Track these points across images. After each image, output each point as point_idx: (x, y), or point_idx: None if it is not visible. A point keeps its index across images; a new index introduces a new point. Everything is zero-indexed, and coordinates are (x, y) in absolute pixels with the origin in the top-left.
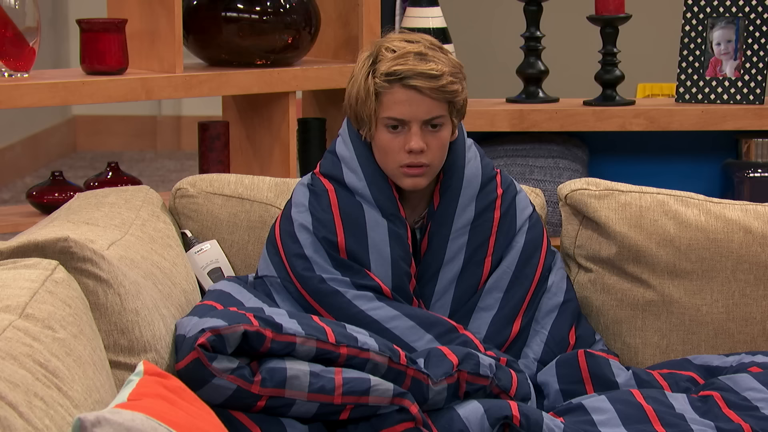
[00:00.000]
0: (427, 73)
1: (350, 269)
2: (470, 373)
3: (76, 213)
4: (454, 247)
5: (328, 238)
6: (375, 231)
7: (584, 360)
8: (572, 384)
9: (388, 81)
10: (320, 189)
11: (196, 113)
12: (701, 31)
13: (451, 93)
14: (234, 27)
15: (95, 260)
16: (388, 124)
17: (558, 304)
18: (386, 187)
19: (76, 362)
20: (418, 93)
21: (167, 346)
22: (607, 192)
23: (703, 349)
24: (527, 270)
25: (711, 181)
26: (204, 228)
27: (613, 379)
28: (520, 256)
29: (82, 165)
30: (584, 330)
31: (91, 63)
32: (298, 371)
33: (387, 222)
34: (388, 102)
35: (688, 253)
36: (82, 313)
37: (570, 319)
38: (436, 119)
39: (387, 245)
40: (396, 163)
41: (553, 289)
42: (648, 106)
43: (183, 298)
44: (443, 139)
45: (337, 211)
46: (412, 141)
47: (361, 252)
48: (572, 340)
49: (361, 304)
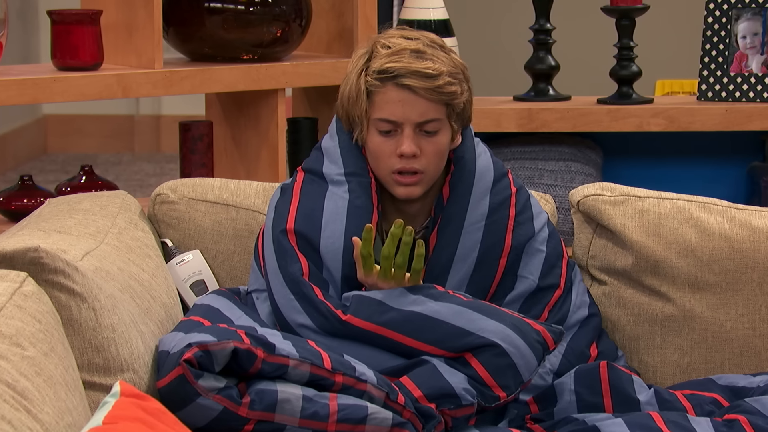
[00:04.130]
0: (422, 71)
1: (284, 254)
2: (453, 409)
3: (46, 220)
4: (467, 242)
5: (282, 227)
6: (331, 203)
7: (606, 372)
8: (590, 396)
9: (380, 79)
10: (291, 183)
11: (177, 112)
12: (725, 23)
13: (449, 95)
14: (218, 19)
15: (68, 272)
16: (380, 127)
17: (582, 319)
18: (366, 180)
19: (46, 382)
20: (412, 93)
21: (146, 366)
22: (622, 198)
23: (727, 369)
24: (550, 280)
25: (736, 186)
26: (186, 237)
27: (634, 396)
28: (543, 266)
29: (54, 168)
30: (606, 345)
31: (63, 58)
32: (290, 395)
33: (349, 196)
34: (380, 102)
35: (711, 264)
36: (54, 330)
37: (592, 333)
38: (430, 123)
39: (343, 221)
40: (388, 169)
41: (578, 302)
42: (667, 105)
43: (163, 313)
44: (439, 145)
45: (298, 191)
46: (403, 144)
47: (310, 229)
48: (593, 354)
49: (306, 335)
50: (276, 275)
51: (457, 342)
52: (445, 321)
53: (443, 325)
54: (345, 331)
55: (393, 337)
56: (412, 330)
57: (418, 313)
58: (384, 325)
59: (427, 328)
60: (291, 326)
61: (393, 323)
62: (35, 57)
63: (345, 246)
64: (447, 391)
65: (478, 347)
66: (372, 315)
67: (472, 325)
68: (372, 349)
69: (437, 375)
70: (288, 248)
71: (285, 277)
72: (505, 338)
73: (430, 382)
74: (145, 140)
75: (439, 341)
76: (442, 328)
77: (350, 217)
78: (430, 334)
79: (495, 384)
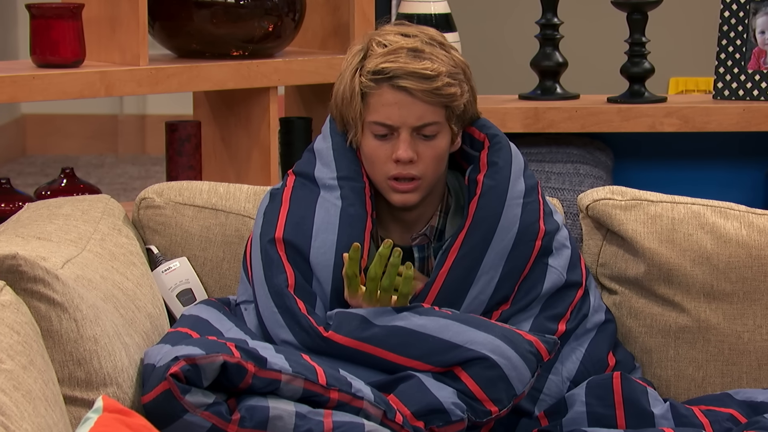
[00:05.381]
0: (419, 72)
1: (270, 265)
2: (441, 426)
3: (25, 226)
4: (509, 214)
5: (270, 236)
6: (323, 210)
7: (619, 383)
8: (601, 408)
9: (375, 80)
10: (281, 187)
11: (163, 112)
12: (742, 17)
13: (448, 97)
14: (206, 13)
15: (48, 280)
16: (375, 131)
17: (598, 323)
18: (360, 185)
19: (25, 397)
20: (409, 95)
21: (130, 380)
22: (634, 202)
23: (745, 383)
24: (574, 277)
25: (753, 190)
26: (172, 243)
27: (649, 410)
28: (569, 262)
29: (32, 171)
30: (623, 355)
31: (43, 54)
32: (282, 411)
33: (342, 203)
34: (375, 104)
35: (728, 273)
36: (33, 341)
37: (609, 340)
38: (428, 126)
39: (335, 230)
40: (383, 175)
41: (596, 305)
42: (681, 104)
43: (148, 324)
44: (438, 150)
45: (288, 197)
46: (399, 149)
47: (300, 238)
48: (611, 363)
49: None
50: (262, 287)
51: (444, 356)
52: (432, 335)
53: (429, 339)
54: (327, 347)
55: (376, 354)
56: (396, 345)
57: (402, 328)
58: (367, 341)
59: (412, 343)
60: (275, 342)
61: (376, 339)
62: (13, 53)
63: (336, 259)
64: (435, 406)
65: (467, 361)
66: (354, 331)
67: (460, 337)
68: (354, 367)
69: (424, 390)
70: (275, 258)
71: (270, 289)
72: (494, 349)
73: (416, 397)
74: (130, 141)
75: (426, 356)
76: (428, 342)
77: (342, 226)
78: (415, 348)
79: (486, 398)
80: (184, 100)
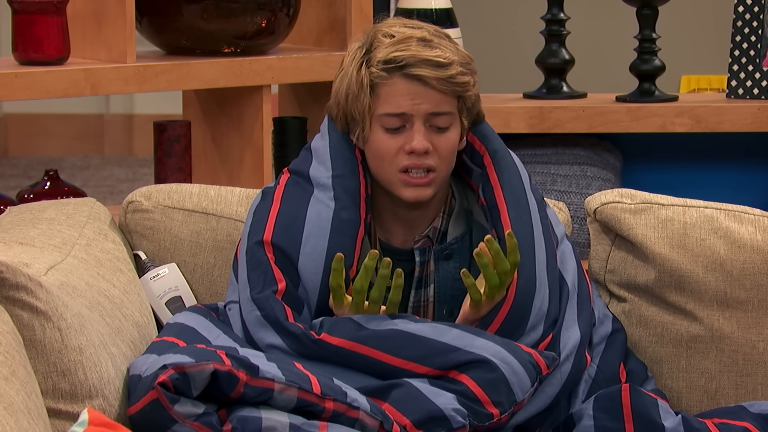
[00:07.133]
0: (433, 60)
1: (257, 267)
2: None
3: (7, 231)
4: (538, 224)
5: (258, 237)
6: (314, 212)
7: (628, 395)
8: (609, 421)
9: (387, 70)
10: (274, 185)
11: (152, 111)
12: (757, 12)
13: (462, 85)
14: (197, 8)
15: (30, 288)
16: (386, 123)
17: (605, 336)
18: (355, 186)
19: (6, 410)
20: (423, 84)
21: (117, 391)
22: (644, 206)
23: (759, 395)
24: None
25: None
26: (161, 249)
27: (659, 422)
28: (577, 274)
29: (15, 173)
30: (635, 364)
31: (26, 51)
32: (276, 422)
33: (335, 205)
34: (386, 95)
35: (742, 279)
36: (15, 352)
37: (620, 352)
38: (443, 116)
39: (326, 236)
40: (394, 168)
41: (600, 316)
42: (693, 103)
43: (136, 333)
44: (451, 142)
45: (279, 196)
46: (414, 139)
47: (289, 243)
48: (623, 377)
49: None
50: (245, 289)
51: (442, 358)
52: (430, 337)
53: (427, 341)
54: (318, 350)
55: (371, 355)
56: (392, 346)
57: (398, 330)
58: (362, 342)
59: (409, 345)
60: (258, 346)
61: (371, 339)
62: None
63: (326, 266)
64: (435, 414)
65: (467, 363)
66: (348, 332)
67: (459, 341)
68: (346, 371)
69: (421, 397)
70: (262, 261)
71: (253, 292)
72: (495, 354)
73: (414, 406)
74: (116, 142)
75: (423, 358)
76: (426, 344)
77: (334, 232)
78: (412, 350)
79: (488, 400)
80: (173, 99)
